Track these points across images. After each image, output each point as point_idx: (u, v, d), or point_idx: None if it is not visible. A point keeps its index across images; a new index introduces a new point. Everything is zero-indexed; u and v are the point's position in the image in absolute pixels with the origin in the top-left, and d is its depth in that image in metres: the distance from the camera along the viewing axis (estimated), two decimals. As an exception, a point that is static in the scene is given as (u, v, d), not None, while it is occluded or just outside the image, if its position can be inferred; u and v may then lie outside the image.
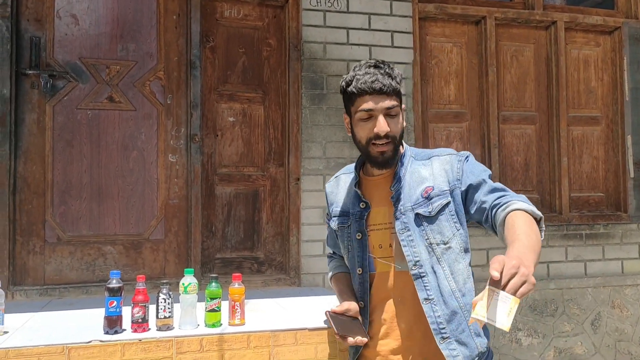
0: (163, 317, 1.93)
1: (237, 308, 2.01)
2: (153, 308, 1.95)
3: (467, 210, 1.55)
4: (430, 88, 3.46)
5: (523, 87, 3.64)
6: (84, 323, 2.07)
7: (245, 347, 1.96)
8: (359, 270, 1.61)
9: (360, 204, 1.62)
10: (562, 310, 3.46)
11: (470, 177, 1.53)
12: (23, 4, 2.82)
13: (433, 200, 1.52)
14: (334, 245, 1.81)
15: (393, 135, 1.52)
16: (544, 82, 3.68)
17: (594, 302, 3.52)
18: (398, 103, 1.53)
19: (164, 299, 1.93)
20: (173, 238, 2.97)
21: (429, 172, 1.57)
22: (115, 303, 1.87)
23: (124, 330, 1.91)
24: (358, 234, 1.61)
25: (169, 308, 1.93)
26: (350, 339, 1.50)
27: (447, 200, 1.52)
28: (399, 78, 1.54)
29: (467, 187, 1.53)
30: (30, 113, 2.80)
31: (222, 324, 2.00)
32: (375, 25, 3.24)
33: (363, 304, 1.60)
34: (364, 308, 1.60)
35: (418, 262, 1.51)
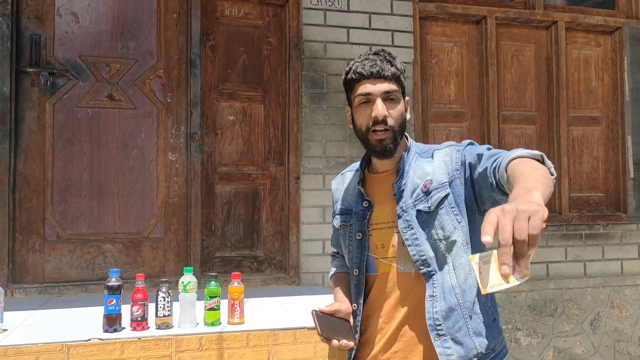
0: (162, 315, 1.93)
1: (236, 307, 2.01)
2: (152, 306, 1.95)
3: (482, 199, 1.43)
4: (431, 87, 3.46)
5: (523, 87, 3.64)
6: (83, 321, 2.08)
7: (245, 345, 1.96)
8: (356, 272, 1.56)
9: (364, 203, 1.57)
10: (561, 310, 3.46)
11: (469, 157, 1.43)
12: (23, 2, 2.82)
13: (432, 195, 1.45)
14: (337, 245, 1.75)
15: (392, 122, 1.46)
16: (545, 82, 3.68)
17: (594, 302, 3.52)
18: (398, 88, 1.48)
19: (164, 298, 1.93)
20: (173, 236, 2.97)
21: (431, 167, 1.50)
22: (115, 301, 1.88)
23: (123, 329, 1.91)
24: (358, 234, 1.56)
25: (169, 306, 1.93)
26: (335, 342, 1.43)
27: (445, 193, 1.44)
28: (400, 65, 1.50)
29: (469, 170, 1.42)
30: (31, 111, 2.80)
31: (221, 323, 2.01)
32: (376, 25, 3.24)
33: (356, 306, 1.55)
34: (357, 311, 1.54)
35: (425, 260, 1.44)
